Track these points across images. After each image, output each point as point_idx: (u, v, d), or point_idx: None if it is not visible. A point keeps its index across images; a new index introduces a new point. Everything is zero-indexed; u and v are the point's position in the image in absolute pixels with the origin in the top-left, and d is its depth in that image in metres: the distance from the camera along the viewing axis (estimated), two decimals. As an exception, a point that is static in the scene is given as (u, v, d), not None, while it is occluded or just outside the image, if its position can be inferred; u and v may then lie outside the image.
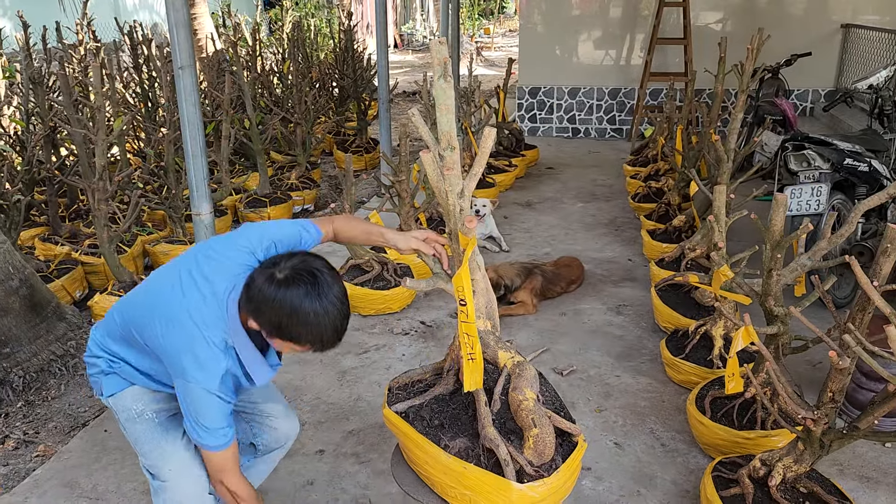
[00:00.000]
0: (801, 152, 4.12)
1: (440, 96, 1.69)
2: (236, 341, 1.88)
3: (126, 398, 2.08)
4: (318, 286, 1.77)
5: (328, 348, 1.87)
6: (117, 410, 2.11)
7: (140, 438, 2.09)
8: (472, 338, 1.86)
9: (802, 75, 8.28)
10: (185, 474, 2.07)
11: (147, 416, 2.08)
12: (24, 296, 3.65)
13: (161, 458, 2.07)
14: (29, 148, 5.01)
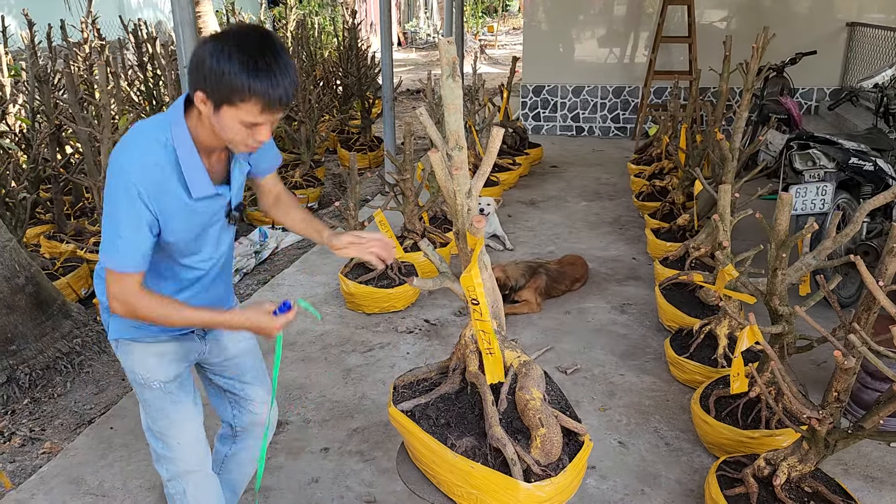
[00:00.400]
0: (806, 151, 4.12)
1: (448, 95, 1.70)
2: (177, 142, 1.74)
3: (132, 359, 2.02)
4: (254, 36, 1.65)
5: (279, 104, 1.66)
6: (124, 366, 2.06)
7: (149, 404, 2.06)
8: (489, 334, 1.87)
9: (807, 74, 8.27)
10: (191, 450, 2.09)
11: (154, 385, 2.03)
12: (30, 293, 3.66)
13: (169, 429, 2.06)
14: (34, 146, 5.02)
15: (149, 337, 2.00)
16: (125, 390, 3.54)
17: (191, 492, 2.13)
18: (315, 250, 5.42)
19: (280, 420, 3.21)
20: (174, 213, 1.77)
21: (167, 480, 2.14)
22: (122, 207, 1.69)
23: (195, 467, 2.11)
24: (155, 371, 2.03)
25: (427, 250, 2.02)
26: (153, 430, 2.10)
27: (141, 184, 1.68)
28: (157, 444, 2.11)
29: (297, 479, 2.81)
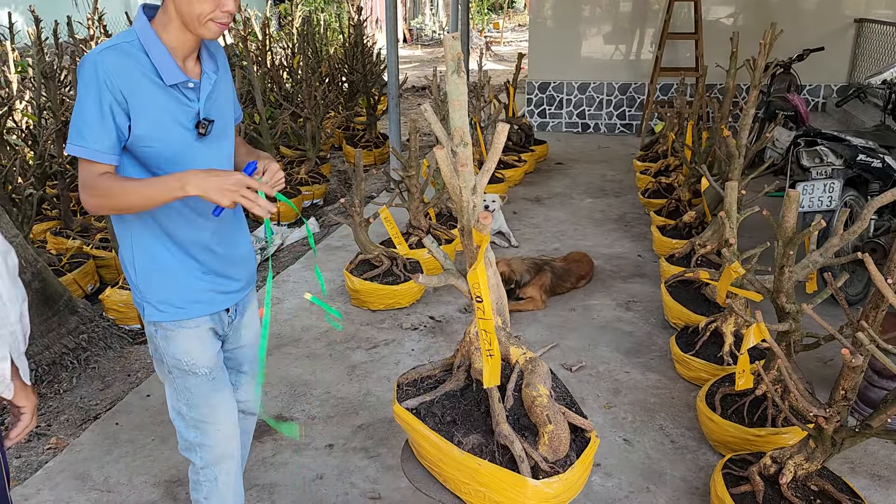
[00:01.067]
0: (813, 148, 4.10)
1: (453, 92, 1.69)
2: (145, 40, 1.74)
3: (174, 345, 1.95)
4: None
5: None
6: (164, 353, 1.97)
7: (190, 392, 2.01)
8: (490, 334, 1.87)
9: (815, 70, 8.22)
10: (230, 436, 2.07)
11: (200, 371, 1.99)
12: (37, 289, 3.67)
13: (211, 415, 2.03)
14: (41, 142, 5.04)
15: (189, 318, 1.95)
16: (131, 386, 3.55)
17: (222, 479, 2.11)
18: (320, 247, 5.43)
19: (285, 416, 3.22)
20: (145, 104, 1.73)
21: (200, 468, 2.10)
22: (88, 95, 1.68)
23: (232, 453, 2.10)
24: (200, 356, 1.99)
25: (431, 247, 2.02)
26: (190, 418, 2.04)
27: (106, 71, 1.68)
28: (191, 433, 2.06)
29: (302, 475, 2.81)
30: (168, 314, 1.92)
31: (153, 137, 1.77)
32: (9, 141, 5.33)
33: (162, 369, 2.03)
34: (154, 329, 1.96)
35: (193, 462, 2.10)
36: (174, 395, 2.04)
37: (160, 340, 1.96)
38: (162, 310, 1.92)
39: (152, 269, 1.90)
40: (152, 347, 2.01)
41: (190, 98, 1.82)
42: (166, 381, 2.04)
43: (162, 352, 1.97)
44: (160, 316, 1.92)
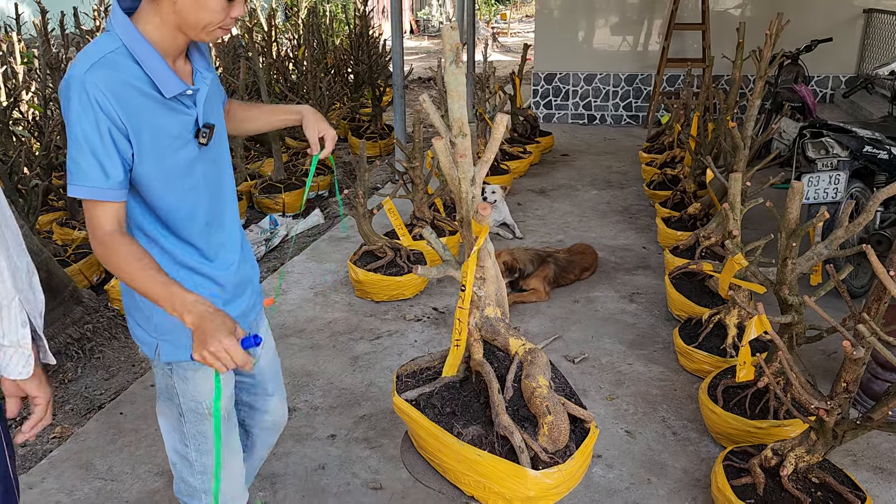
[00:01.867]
0: (819, 140, 4.07)
1: (452, 83, 1.69)
2: (132, 45, 1.53)
3: (192, 386, 1.79)
4: None
5: None
6: (180, 394, 1.79)
7: (205, 436, 1.84)
8: (462, 324, 1.87)
9: (823, 61, 8.16)
10: (237, 485, 1.96)
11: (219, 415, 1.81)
12: (41, 279, 3.67)
13: (226, 461, 1.89)
14: (47, 133, 5.05)
15: None
16: (135, 376, 3.57)
17: None
18: (324, 238, 5.43)
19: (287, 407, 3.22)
20: (145, 124, 1.54)
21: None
22: (82, 123, 1.47)
23: (239, 496, 1.98)
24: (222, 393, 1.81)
25: (430, 238, 2.02)
26: (199, 465, 1.88)
27: (98, 92, 1.46)
28: (198, 479, 1.90)
29: (304, 466, 2.82)
30: (189, 351, 1.60)
31: (156, 162, 1.59)
32: (15, 132, 5.35)
33: (170, 412, 1.85)
34: (169, 370, 1.77)
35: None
36: (180, 441, 1.86)
37: (177, 382, 1.77)
38: (184, 346, 1.70)
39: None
40: (165, 390, 1.83)
41: (188, 105, 1.64)
42: (171, 425, 1.87)
43: (178, 394, 1.79)
44: (179, 354, 1.73)
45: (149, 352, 1.76)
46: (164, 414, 1.88)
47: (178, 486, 1.95)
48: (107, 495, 2.69)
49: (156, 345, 1.73)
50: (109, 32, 1.54)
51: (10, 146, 5.06)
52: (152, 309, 1.69)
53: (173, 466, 1.93)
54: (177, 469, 1.92)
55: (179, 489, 1.95)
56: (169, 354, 1.74)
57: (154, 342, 1.74)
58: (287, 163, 6.94)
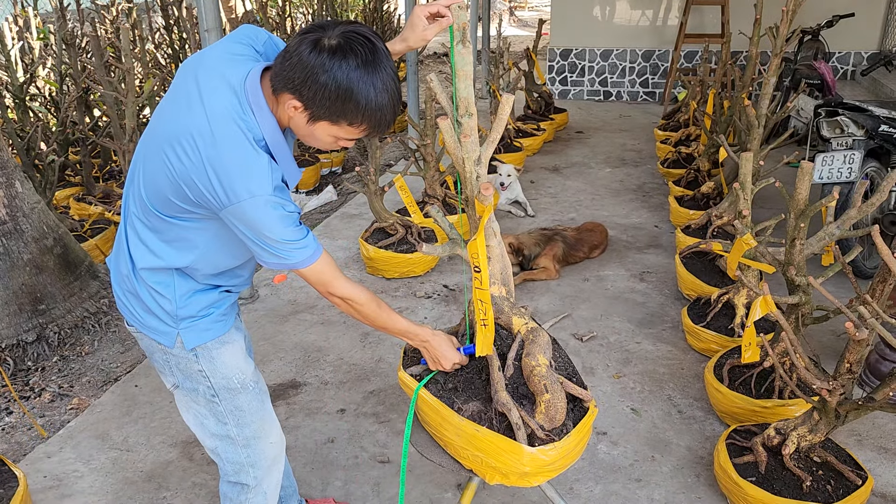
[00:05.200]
0: (833, 118, 4.02)
1: (458, 62, 1.69)
2: (266, 132, 1.57)
3: (222, 363, 1.82)
4: (376, 54, 1.49)
5: (384, 129, 1.59)
6: (210, 376, 1.81)
7: (242, 410, 1.87)
8: (486, 304, 1.89)
9: (844, 37, 8.00)
10: (279, 450, 2.00)
11: (250, 385, 1.88)
12: (59, 254, 3.76)
13: (262, 429, 1.93)
14: (62, 109, 5.10)
15: (227, 330, 1.84)
16: (150, 350, 3.64)
17: (272, 489, 2.03)
18: (337, 215, 5.47)
19: (298, 381, 3.29)
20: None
21: (253, 488, 1.96)
22: (281, 220, 1.57)
23: (280, 459, 2.02)
24: (246, 368, 1.89)
25: (436, 216, 2.03)
26: (241, 438, 1.89)
27: (279, 196, 1.56)
28: (241, 454, 1.91)
29: (314, 439, 2.88)
30: (212, 331, 1.79)
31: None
32: (32, 107, 5.41)
33: (196, 401, 1.86)
34: (195, 356, 1.79)
35: (244, 484, 1.95)
36: (217, 423, 1.87)
37: (204, 364, 1.80)
38: (205, 328, 1.78)
39: (193, 293, 1.77)
40: (188, 379, 1.83)
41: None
42: (202, 413, 1.88)
43: (207, 376, 1.81)
44: (204, 337, 1.78)
45: (167, 342, 1.77)
46: (190, 406, 1.88)
47: (225, 469, 1.94)
48: (122, 465, 2.77)
49: (177, 334, 1.76)
50: (244, 107, 1.54)
51: (27, 122, 5.12)
52: (177, 303, 1.74)
53: (213, 453, 1.93)
54: (218, 453, 1.91)
55: (226, 471, 1.95)
56: (194, 339, 1.77)
57: (174, 332, 1.76)
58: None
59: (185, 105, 1.55)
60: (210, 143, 1.50)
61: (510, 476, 1.90)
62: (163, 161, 1.55)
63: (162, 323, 1.76)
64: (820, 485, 2.31)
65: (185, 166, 1.52)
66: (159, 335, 1.77)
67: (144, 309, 1.76)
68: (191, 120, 1.52)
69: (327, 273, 1.71)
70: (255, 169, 1.51)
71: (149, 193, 1.64)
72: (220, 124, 1.51)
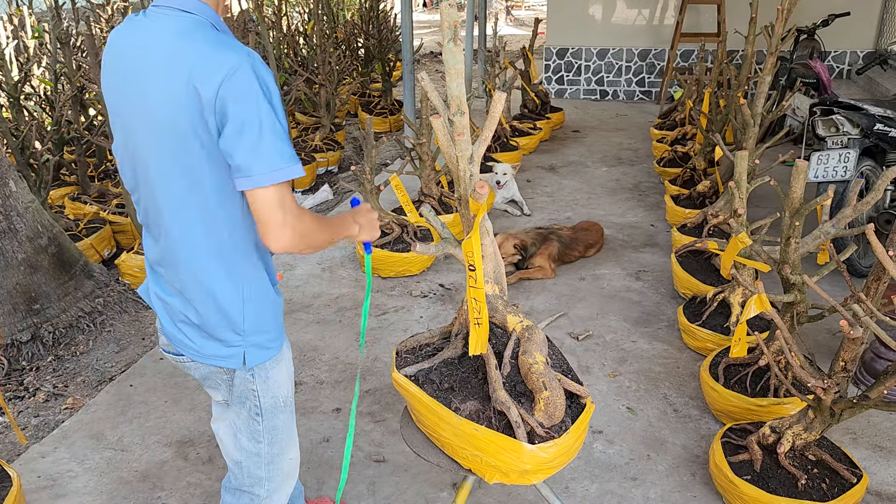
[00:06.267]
0: (829, 117, 4.02)
1: (450, 60, 1.69)
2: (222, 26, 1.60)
3: (274, 383, 1.79)
4: None
5: None
6: (261, 395, 1.78)
7: (277, 429, 1.85)
8: (480, 303, 1.88)
9: (840, 36, 8.01)
10: (296, 465, 1.99)
11: (290, 402, 1.87)
12: (53, 254, 3.74)
13: (288, 447, 1.92)
14: (57, 108, 5.09)
15: (282, 344, 1.81)
16: (145, 349, 3.63)
17: (281, 501, 2.00)
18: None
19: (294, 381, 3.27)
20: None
21: (264, 499, 1.93)
22: (271, 95, 1.51)
23: (294, 472, 2.01)
24: (289, 386, 1.87)
25: (428, 216, 2.03)
26: (268, 455, 1.87)
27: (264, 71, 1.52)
28: (263, 469, 1.88)
29: (309, 438, 2.87)
30: (272, 350, 1.77)
31: None
32: (26, 107, 5.39)
33: (239, 416, 1.82)
34: (251, 375, 1.75)
35: (255, 494, 1.92)
36: (250, 439, 1.84)
37: (259, 384, 1.77)
38: (268, 347, 1.75)
39: (260, 304, 1.72)
40: (239, 396, 1.78)
41: None
42: (238, 428, 1.84)
43: (258, 395, 1.78)
44: (265, 355, 1.75)
45: (231, 363, 1.72)
46: (229, 419, 1.85)
47: (241, 480, 1.91)
48: (117, 464, 2.76)
49: (242, 353, 1.71)
50: (187, 14, 1.53)
51: (22, 121, 5.10)
52: (245, 314, 1.69)
53: (237, 465, 1.89)
54: (243, 467, 1.88)
55: (241, 483, 1.91)
56: (256, 358, 1.73)
57: (240, 351, 1.71)
58: (296, 138, 6.95)
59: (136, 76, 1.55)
60: (179, 45, 1.49)
61: (510, 474, 1.90)
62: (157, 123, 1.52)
63: (227, 347, 1.71)
64: (815, 483, 2.31)
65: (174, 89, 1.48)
66: (225, 360, 1.72)
67: (212, 339, 1.70)
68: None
69: (289, 205, 1.54)
70: (230, 41, 1.52)
71: (168, 183, 1.57)
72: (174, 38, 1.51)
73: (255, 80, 1.46)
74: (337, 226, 1.74)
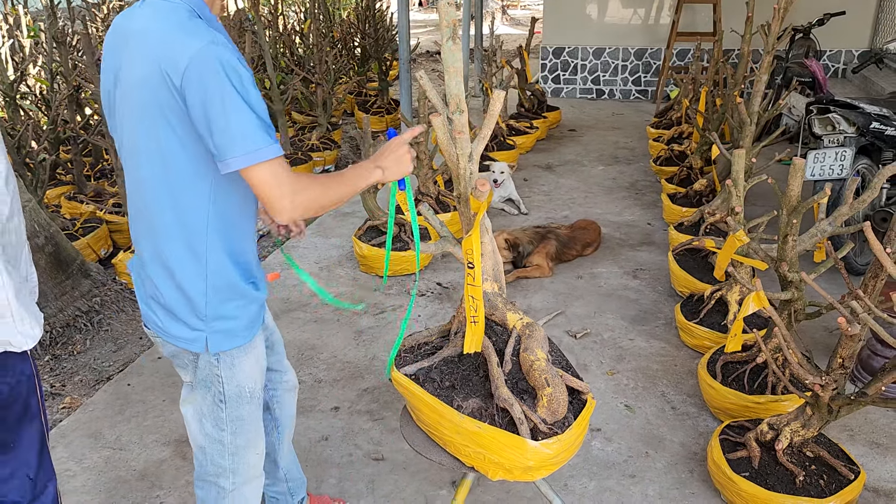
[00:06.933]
0: (825, 116, 4.04)
1: (448, 58, 1.69)
2: (211, 21, 1.62)
3: (239, 372, 1.80)
4: None
5: None
6: (226, 382, 1.79)
7: (242, 420, 1.86)
8: (478, 301, 1.89)
9: (836, 35, 8.02)
10: (261, 461, 1.99)
11: (256, 396, 1.88)
12: (50, 253, 3.73)
13: (253, 441, 1.92)
14: (53, 107, 5.07)
15: (252, 338, 1.82)
16: (142, 348, 3.63)
17: (253, 495, 2.00)
18: (329, 213, 5.45)
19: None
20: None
21: (230, 492, 1.93)
22: (242, 80, 1.51)
23: (261, 472, 2.02)
24: (259, 379, 1.88)
25: (426, 214, 2.03)
26: (232, 446, 1.88)
27: (229, 54, 1.52)
28: (227, 460, 1.89)
29: (308, 437, 2.87)
30: (238, 338, 1.77)
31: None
32: (22, 106, 5.37)
33: (203, 400, 1.84)
34: (216, 360, 1.77)
35: (221, 487, 1.92)
36: (214, 426, 1.85)
37: (224, 370, 1.78)
38: (235, 335, 1.76)
39: (225, 290, 1.73)
40: (203, 381, 1.81)
41: None
42: (202, 412, 1.85)
43: (222, 381, 1.79)
44: (229, 343, 1.76)
45: (195, 347, 1.74)
46: (195, 402, 1.86)
47: (205, 468, 1.92)
48: (115, 463, 2.75)
49: (205, 338, 1.73)
50: (199, 21, 1.56)
51: (18, 120, 5.09)
52: (208, 298, 1.70)
53: (200, 450, 1.91)
54: (206, 453, 1.90)
55: (206, 471, 1.92)
56: (219, 345, 1.74)
57: (202, 336, 1.73)
58: (293, 137, 6.94)
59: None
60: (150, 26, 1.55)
61: (514, 471, 1.91)
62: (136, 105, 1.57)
63: (189, 330, 1.73)
64: (813, 479, 2.32)
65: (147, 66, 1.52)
66: (188, 342, 1.74)
67: (173, 318, 1.73)
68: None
69: (286, 180, 1.55)
70: (197, 24, 1.54)
71: (149, 161, 1.61)
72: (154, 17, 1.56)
73: (216, 64, 1.48)
74: (352, 178, 1.71)
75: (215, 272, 1.70)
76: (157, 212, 1.65)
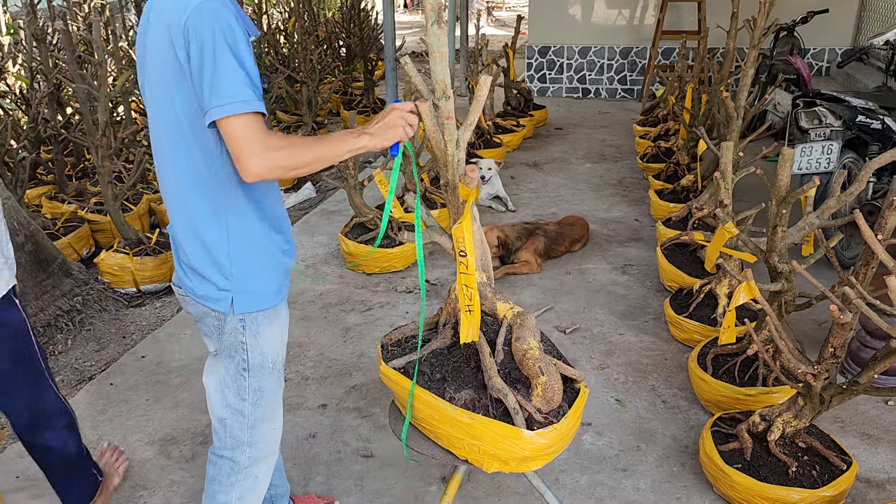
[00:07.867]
0: (812, 109, 4.04)
1: (434, 43, 1.66)
2: None
3: (263, 340, 1.80)
4: None
5: None
6: (250, 349, 1.78)
7: (263, 391, 1.85)
8: (472, 290, 1.85)
9: (819, 33, 8.08)
10: (278, 437, 1.98)
11: (278, 368, 1.87)
12: (30, 251, 3.66)
13: (272, 414, 1.91)
14: (33, 105, 4.99)
15: (278, 305, 1.81)
16: (125, 348, 3.56)
17: (262, 477, 1.99)
18: (316, 211, 5.41)
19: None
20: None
21: (245, 468, 1.92)
22: (235, 35, 1.51)
23: (277, 449, 2.01)
24: (282, 351, 1.88)
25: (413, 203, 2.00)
26: (252, 418, 1.87)
27: (225, 9, 1.53)
28: (246, 433, 1.88)
29: (295, 435, 2.83)
30: (265, 302, 1.76)
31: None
32: (1, 104, 5.29)
33: (227, 370, 1.82)
34: (242, 325, 1.75)
35: (236, 461, 1.90)
36: (236, 396, 1.83)
37: (249, 336, 1.77)
38: (261, 297, 1.76)
39: (250, 251, 1.72)
40: (229, 347, 1.79)
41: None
42: (226, 382, 1.83)
43: (246, 349, 1.78)
44: (256, 305, 1.75)
45: (221, 307, 1.73)
46: (218, 372, 1.84)
47: (223, 441, 1.90)
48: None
49: (230, 298, 1.73)
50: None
51: (-3, 119, 5.00)
52: (231, 258, 1.71)
53: (220, 423, 1.88)
54: (226, 425, 1.88)
55: (223, 444, 1.90)
56: (245, 305, 1.74)
57: (228, 296, 1.73)
58: (279, 136, 6.88)
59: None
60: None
61: (510, 462, 1.88)
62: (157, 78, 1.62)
63: (216, 289, 1.73)
64: (805, 470, 2.30)
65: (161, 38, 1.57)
66: (214, 302, 1.74)
67: (199, 276, 1.74)
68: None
69: (261, 137, 1.52)
70: None
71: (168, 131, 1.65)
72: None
73: (211, 18, 1.50)
74: (334, 140, 1.64)
75: (237, 226, 1.71)
76: (177, 169, 1.67)
